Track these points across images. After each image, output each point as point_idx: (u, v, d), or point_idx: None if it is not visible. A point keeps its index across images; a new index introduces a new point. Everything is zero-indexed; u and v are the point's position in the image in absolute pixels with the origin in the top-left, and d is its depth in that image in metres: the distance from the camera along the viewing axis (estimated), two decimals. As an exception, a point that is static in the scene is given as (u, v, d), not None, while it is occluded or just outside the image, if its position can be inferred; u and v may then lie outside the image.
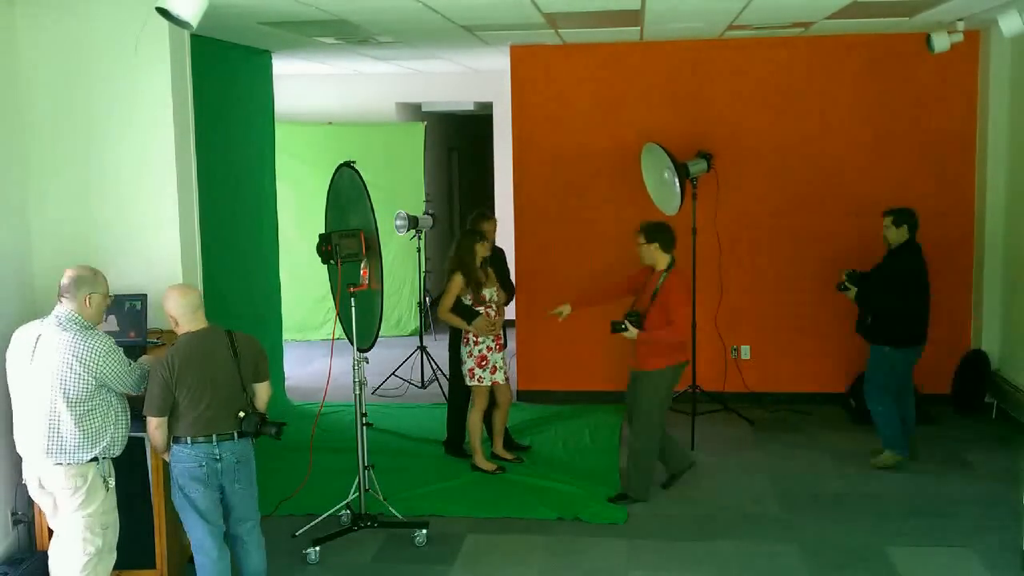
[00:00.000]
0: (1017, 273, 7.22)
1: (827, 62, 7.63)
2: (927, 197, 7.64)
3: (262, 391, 4.44)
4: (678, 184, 6.96)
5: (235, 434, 4.28)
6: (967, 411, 7.50)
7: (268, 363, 4.51)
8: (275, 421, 4.39)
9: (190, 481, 4.25)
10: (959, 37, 6.57)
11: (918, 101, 7.59)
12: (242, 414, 4.28)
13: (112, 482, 4.24)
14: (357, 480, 5.49)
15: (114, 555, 4.31)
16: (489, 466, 6.49)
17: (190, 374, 4.18)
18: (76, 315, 4.12)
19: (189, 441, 4.22)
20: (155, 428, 4.24)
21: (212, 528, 4.32)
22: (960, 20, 6.55)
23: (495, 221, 6.79)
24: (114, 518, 4.30)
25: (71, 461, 4.08)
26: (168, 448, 4.29)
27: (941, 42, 6.57)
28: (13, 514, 4.87)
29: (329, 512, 5.52)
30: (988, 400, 7.51)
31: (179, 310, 4.27)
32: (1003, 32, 6.18)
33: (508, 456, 6.67)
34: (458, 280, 6.28)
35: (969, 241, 7.67)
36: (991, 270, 7.49)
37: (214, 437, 4.23)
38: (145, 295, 5.06)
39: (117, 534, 4.33)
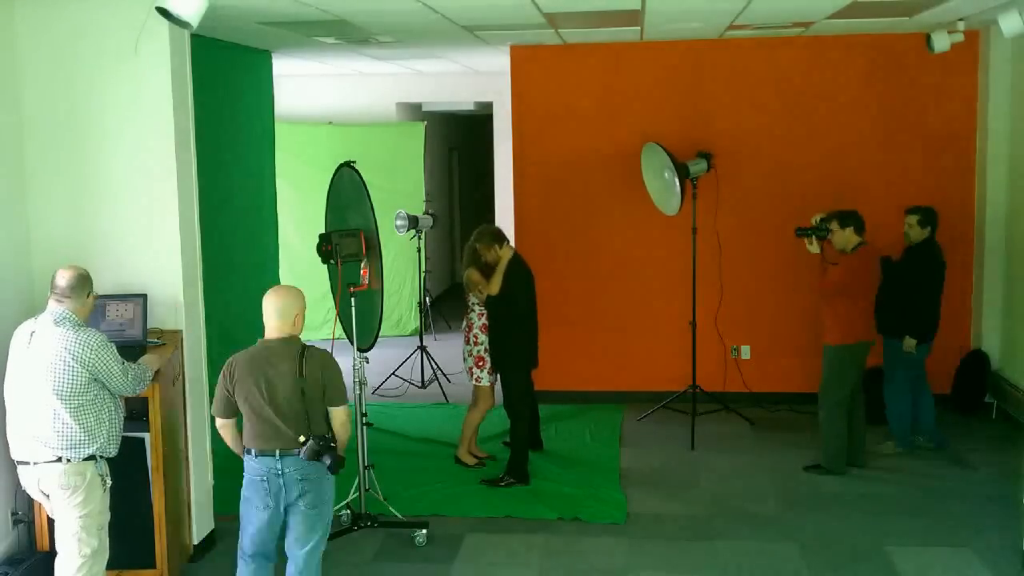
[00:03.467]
0: (1017, 273, 7.22)
1: (827, 62, 7.63)
2: (927, 197, 7.63)
3: (335, 417, 4.17)
4: (678, 184, 6.96)
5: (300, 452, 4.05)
6: (967, 411, 7.50)
7: (343, 387, 4.22)
8: (337, 454, 4.08)
9: (252, 492, 4.10)
10: (959, 37, 6.57)
11: (918, 101, 7.59)
12: (302, 438, 4.01)
13: (109, 481, 4.23)
14: (357, 480, 5.49)
15: (106, 556, 4.28)
16: (470, 460, 6.58)
17: (248, 382, 4.04)
18: (71, 314, 4.13)
19: (253, 452, 4.07)
20: (220, 428, 4.20)
21: (253, 545, 4.16)
22: (960, 20, 6.54)
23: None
24: (108, 519, 4.27)
25: (71, 457, 4.07)
26: (241, 451, 4.18)
27: (941, 42, 6.57)
28: (13, 514, 4.87)
29: (329, 512, 5.51)
30: (988, 400, 7.51)
31: (269, 311, 4.13)
32: (1003, 32, 6.18)
33: (473, 460, 6.66)
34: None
35: (969, 241, 7.66)
36: (991, 270, 7.49)
37: (278, 452, 4.02)
38: (145, 295, 5.06)
39: (107, 534, 4.29)
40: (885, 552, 5.16)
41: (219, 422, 4.18)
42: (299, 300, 4.19)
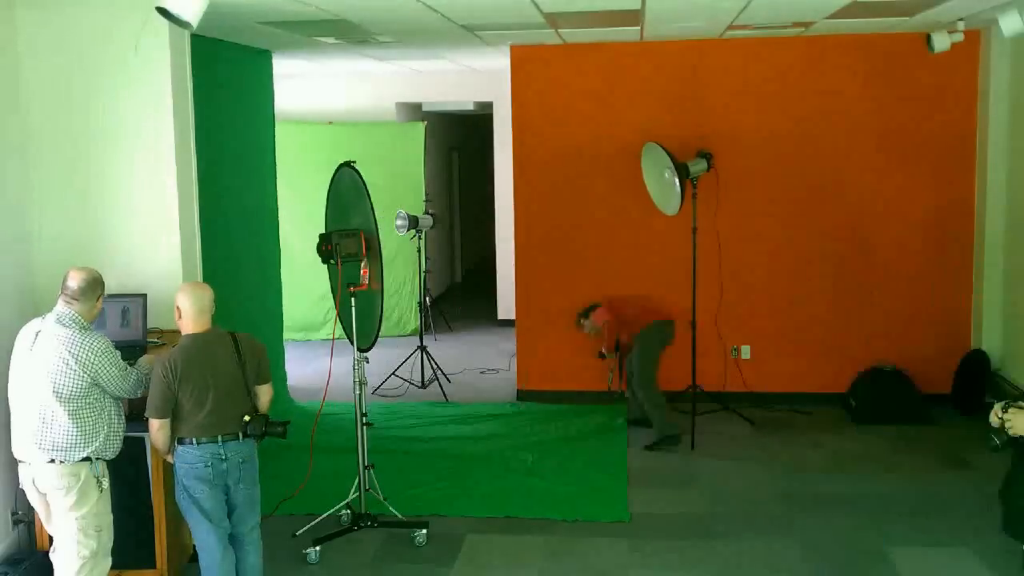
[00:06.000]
0: (1017, 273, 7.22)
1: (827, 62, 7.63)
2: (927, 197, 7.66)
3: (264, 393, 4.44)
4: (678, 184, 6.96)
5: (240, 434, 4.28)
6: (967, 411, 7.50)
7: (269, 364, 4.52)
8: (279, 420, 4.39)
9: (195, 481, 4.23)
10: (959, 37, 6.57)
11: (918, 101, 7.59)
12: (247, 418, 4.28)
13: (106, 483, 4.21)
14: (357, 480, 5.49)
15: (109, 560, 4.28)
16: None
17: (193, 376, 4.17)
18: (78, 316, 4.13)
19: (195, 442, 4.20)
20: (157, 430, 4.21)
21: (217, 529, 4.29)
22: (960, 20, 6.54)
23: None
24: (108, 521, 4.27)
25: (64, 459, 4.07)
26: (171, 450, 4.28)
27: (941, 42, 6.57)
28: (13, 514, 4.88)
29: (329, 512, 5.52)
30: (988, 400, 7.50)
31: (189, 307, 4.24)
32: (1003, 32, 6.18)
33: None
34: None
35: (969, 241, 7.66)
36: (991, 270, 7.49)
37: (219, 438, 4.23)
38: (145, 295, 5.07)
39: (112, 538, 4.29)
40: (885, 552, 5.16)
41: (156, 424, 4.19)
42: (211, 294, 4.38)
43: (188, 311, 4.26)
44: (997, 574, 4.90)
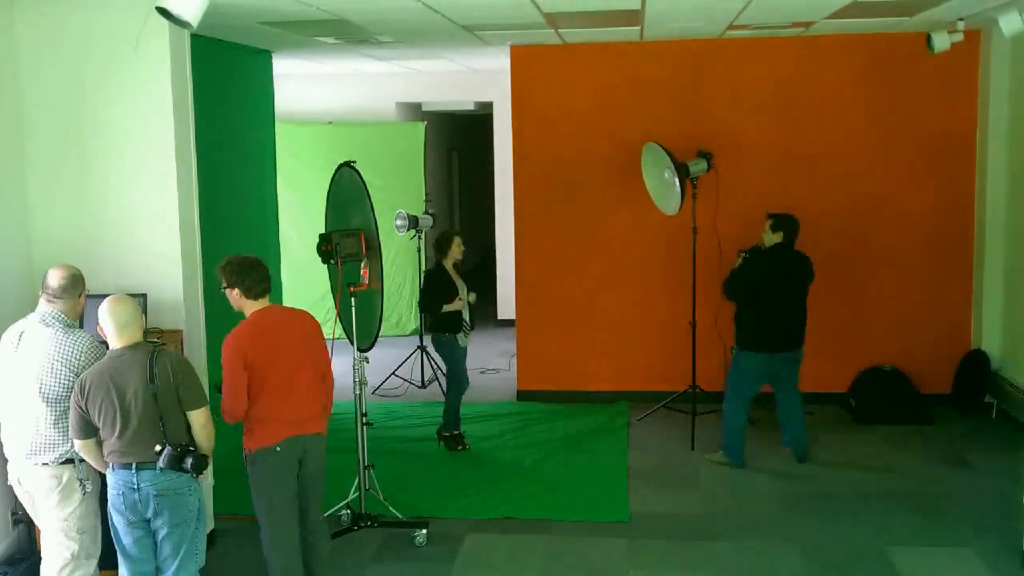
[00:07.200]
0: (1017, 273, 7.22)
1: (827, 62, 7.63)
2: (927, 197, 7.66)
3: (194, 419, 3.97)
4: (678, 184, 6.96)
5: (157, 465, 3.86)
6: (967, 411, 7.50)
7: (200, 388, 4.06)
8: (199, 454, 3.92)
9: (112, 511, 3.94)
10: (959, 37, 6.57)
11: (918, 101, 7.59)
12: (158, 447, 3.83)
13: (90, 487, 4.13)
14: (357, 480, 5.49)
15: (93, 563, 4.20)
16: None
17: (100, 396, 3.84)
18: (62, 314, 4.09)
19: (112, 467, 3.90)
20: (80, 450, 3.96)
21: (132, 566, 3.97)
22: (960, 20, 6.54)
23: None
24: (92, 524, 4.17)
25: (47, 460, 4.05)
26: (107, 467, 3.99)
27: (941, 42, 6.57)
28: (13, 514, 4.87)
29: (329, 512, 5.51)
30: (988, 400, 7.51)
31: (106, 323, 3.91)
32: (1003, 32, 6.18)
33: None
34: None
35: (969, 241, 7.66)
36: (991, 270, 7.49)
37: (133, 465, 3.84)
38: (145, 295, 5.06)
39: (98, 543, 4.21)
40: (885, 552, 5.16)
41: (78, 444, 3.94)
42: (132, 307, 4.01)
43: (107, 326, 3.92)
44: (997, 574, 4.89)
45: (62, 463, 4.06)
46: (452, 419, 6.99)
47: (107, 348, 4.01)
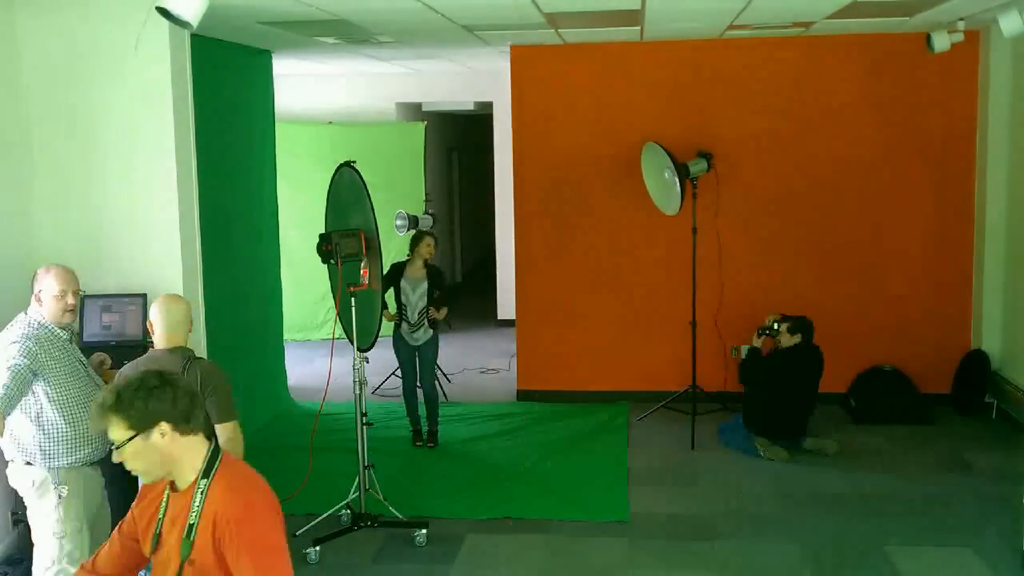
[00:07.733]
0: (1017, 273, 7.22)
1: (827, 62, 7.63)
2: (927, 197, 7.66)
3: (221, 433, 3.89)
4: (678, 184, 6.96)
5: None
6: (967, 411, 7.50)
7: (229, 401, 3.96)
8: None
9: None
10: (959, 37, 6.57)
11: (918, 101, 7.59)
12: None
13: (64, 492, 4.00)
14: (357, 480, 5.49)
15: (73, 566, 4.05)
16: None
17: None
18: (30, 314, 4.09)
19: None
20: None
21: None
22: (960, 20, 6.54)
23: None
24: (73, 529, 4.05)
25: (13, 459, 4.04)
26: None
27: (941, 42, 6.57)
28: (13, 514, 4.87)
29: (329, 512, 5.52)
30: (988, 400, 7.51)
31: (157, 320, 3.97)
32: (1003, 32, 6.17)
33: None
34: None
35: (969, 241, 7.66)
36: (991, 270, 7.49)
37: None
38: (145, 295, 5.06)
39: (81, 547, 4.09)
40: (885, 552, 5.16)
41: None
42: (186, 309, 4.06)
43: (158, 326, 3.96)
44: (997, 574, 4.89)
45: (24, 465, 4.01)
46: (407, 411, 7.12)
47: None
